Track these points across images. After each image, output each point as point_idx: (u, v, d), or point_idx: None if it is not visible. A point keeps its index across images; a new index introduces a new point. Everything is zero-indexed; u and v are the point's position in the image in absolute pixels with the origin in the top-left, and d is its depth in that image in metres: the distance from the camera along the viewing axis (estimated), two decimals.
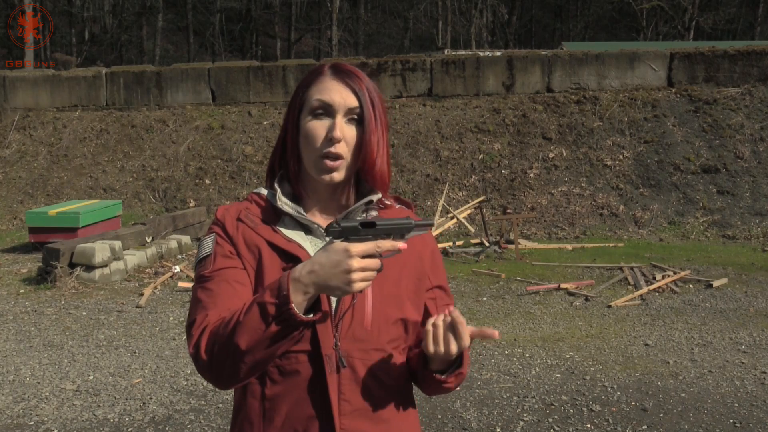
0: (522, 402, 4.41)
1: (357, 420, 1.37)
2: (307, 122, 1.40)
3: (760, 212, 10.14)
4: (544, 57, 12.55)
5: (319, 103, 1.39)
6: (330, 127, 1.38)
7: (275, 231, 1.40)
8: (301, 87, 1.44)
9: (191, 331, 1.34)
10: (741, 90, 11.89)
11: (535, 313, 6.44)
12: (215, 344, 1.29)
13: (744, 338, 5.63)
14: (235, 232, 1.41)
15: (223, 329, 1.28)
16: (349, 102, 1.39)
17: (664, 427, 4.02)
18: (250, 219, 1.42)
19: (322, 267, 1.23)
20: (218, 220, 1.44)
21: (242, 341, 1.25)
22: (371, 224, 1.27)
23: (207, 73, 13.17)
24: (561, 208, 10.60)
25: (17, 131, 13.13)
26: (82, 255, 7.62)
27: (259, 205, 1.45)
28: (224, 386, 1.35)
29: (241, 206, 1.45)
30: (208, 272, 1.38)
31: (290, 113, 1.45)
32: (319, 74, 1.43)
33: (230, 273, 1.37)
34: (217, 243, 1.41)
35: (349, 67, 1.44)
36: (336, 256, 1.22)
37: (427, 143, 11.77)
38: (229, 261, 1.39)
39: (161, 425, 4.16)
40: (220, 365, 1.29)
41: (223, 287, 1.36)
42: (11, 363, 5.25)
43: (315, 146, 1.38)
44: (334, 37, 30.67)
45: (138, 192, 11.87)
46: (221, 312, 1.32)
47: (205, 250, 1.41)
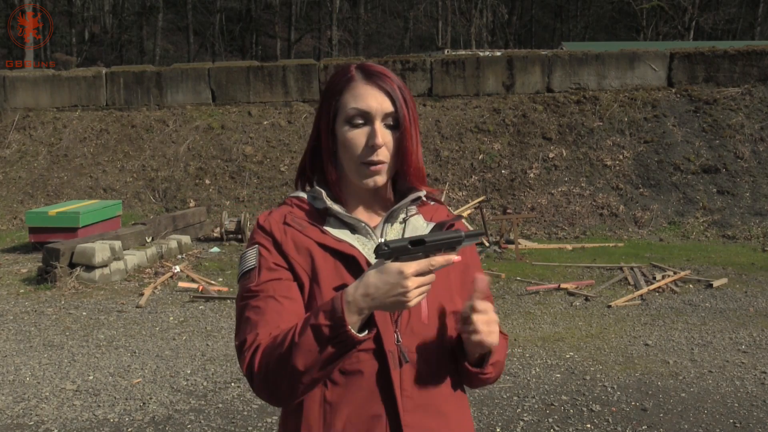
0: (522, 402, 4.41)
1: (419, 415, 1.37)
2: (346, 131, 1.40)
3: (760, 212, 10.14)
4: (544, 57, 12.55)
5: (356, 112, 1.39)
6: (370, 134, 1.39)
7: (323, 232, 1.40)
8: (331, 93, 1.43)
9: (243, 351, 1.32)
10: (741, 90, 11.89)
11: (535, 313, 6.44)
12: (269, 364, 1.28)
13: (744, 338, 5.63)
14: (283, 236, 1.39)
15: (278, 349, 1.28)
16: (385, 107, 1.40)
17: (664, 427, 4.02)
18: (297, 222, 1.41)
19: (377, 290, 1.24)
20: (262, 227, 1.42)
21: (299, 362, 1.25)
22: (421, 242, 1.25)
23: (207, 73, 13.17)
24: (561, 208, 10.60)
25: (17, 131, 13.13)
26: (82, 255, 7.62)
27: (302, 208, 1.44)
28: (283, 404, 1.34)
29: (283, 210, 1.44)
30: (254, 286, 1.36)
31: (323, 120, 1.44)
32: (349, 79, 1.42)
33: (277, 287, 1.36)
34: (261, 255, 1.38)
35: (378, 68, 1.43)
36: (391, 279, 1.23)
37: (427, 143, 11.77)
38: (275, 273, 1.37)
39: (161, 425, 4.16)
40: (276, 385, 1.29)
41: (271, 304, 1.34)
42: (11, 363, 5.25)
43: (356, 154, 1.39)
44: (334, 37, 30.68)
45: (138, 192, 11.87)
46: (271, 330, 1.31)
47: (249, 263, 1.39)
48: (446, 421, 1.41)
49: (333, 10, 30.89)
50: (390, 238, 1.44)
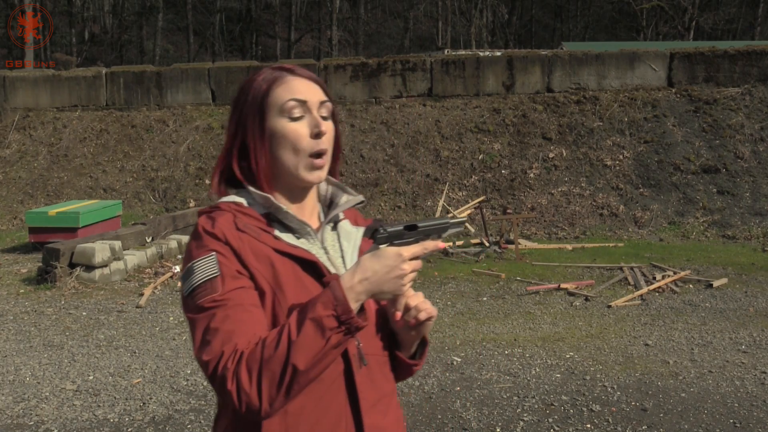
0: (522, 402, 4.41)
1: (374, 415, 1.38)
2: (284, 124, 1.36)
3: (760, 212, 10.14)
4: (544, 57, 12.55)
5: (295, 102, 1.36)
6: (312, 123, 1.37)
7: (276, 238, 1.36)
8: (254, 95, 1.38)
9: (221, 364, 1.23)
10: (741, 90, 11.89)
11: (535, 313, 6.44)
12: (262, 371, 1.21)
13: (744, 338, 5.63)
14: (240, 243, 1.31)
15: (270, 353, 1.21)
16: (319, 96, 1.40)
17: (664, 427, 4.02)
18: (249, 228, 1.34)
19: (375, 273, 1.26)
20: (213, 234, 1.31)
21: (300, 361, 1.21)
22: (413, 227, 1.31)
23: (207, 73, 13.17)
24: (561, 208, 10.60)
25: (17, 131, 13.13)
26: (82, 255, 7.62)
27: (245, 213, 1.36)
28: (271, 413, 1.25)
29: (228, 217, 1.34)
30: (219, 296, 1.27)
31: (248, 121, 1.38)
32: (276, 77, 1.39)
33: (243, 295, 1.28)
34: (221, 263, 1.29)
35: (301, 67, 1.43)
36: (390, 262, 1.26)
37: (427, 143, 11.77)
38: (239, 281, 1.29)
39: (161, 425, 4.16)
40: (271, 392, 1.22)
41: (241, 313, 1.27)
42: (11, 363, 5.25)
43: (301, 147, 1.36)
44: (334, 37, 30.68)
45: (138, 192, 11.88)
46: (249, 339, 1.25)
47: (210, 272, 1.28)
48: (390, 419, 1.43)
49: (333, 10, 30.90)
50: (328, 242, 1.44)
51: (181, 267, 1.36)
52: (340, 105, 12.53)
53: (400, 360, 1.47)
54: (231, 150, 1.41)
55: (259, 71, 1.43)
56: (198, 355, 1.26)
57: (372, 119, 12.26)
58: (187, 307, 1.31)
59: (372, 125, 12.16)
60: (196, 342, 1.27)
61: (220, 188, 1.43)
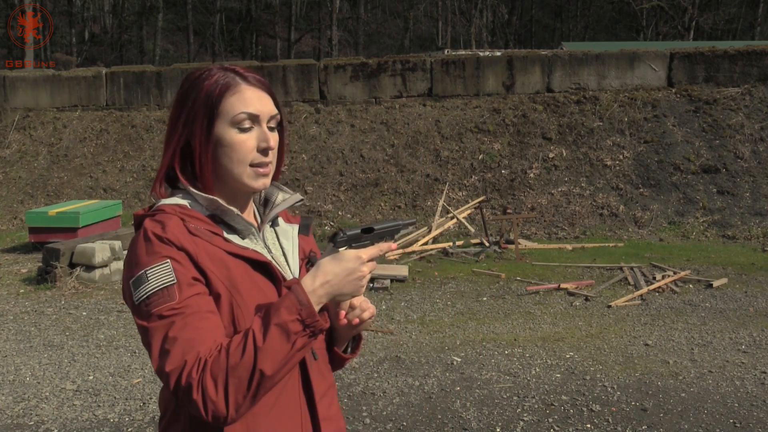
0: (522, 402, 4.41)
1: (323, 406, 1.44)
2: (233, 134, 1.35)
3: (760, 212, 10.14)
4: (544, 57, 12.55)
5: (246, 116, 1.36)
6: (260, 137, 1.38)
7: (226, 240, 1.36)
8: (206, 95, 1.36)
9: (184, 374, 1.21)
10: (741, 90, 11.89)
11: (535, 313, 6.44)
12: (228, 379, 1.21)
13: (744, 338, 5.63)
14: (195, 248, 1.29)
15: (235, 360, 1.21)
16: (269, 109, 1.41)
17: (664, 427, 4.02)
18: (201, 232, 1.32)
19: (336, 276, 1.30)
20: (165, 239, 1.28)
21: (267, 367, 1.22)
22: (370, 229, 1.36)
23: None
24: (561, 208, 10.60)
25: (17, 131, 13.13)
26: (82, 255, 7.62)
27: (191, 216, 1.35)
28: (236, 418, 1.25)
29: (175, 221, 1.32)
30: (176, 304, 1.24)
31: (196, 123, 1.36)
32: (229, 83, 1.37)
33: (200, 302, 1.27)
34: (176, 270, 1.26)
35: (251, 71, 1.43)
36: (350, 265, 1.30)
37: (427, 143, 11.77)
38: (195, 288, 1.27)
39: None
40: (238, 398, 1.22)
41: (198, 320, 1.25)
42: (11, 363, 5.25)
43: (245, 157, 1.36)
44: (334, 37, 30.69)
45: (138, 192, 11.88)
46: (209, 346, 1.23)
47: (166, 280, 1.25)
48: (335, 408, 1.50)
49: (333, 10, 30.90)
50: (269, 241, 1.46)
51: (126, 272, 1.32)
52: (340, 105, 12.54)
53: (336, 354, 1.54)
54: (175, 149, 1.39)
55: (209, 70, 1.41)
56: (159, 365, 1.24)
57: (372, 119, 12.26)
58: (140, 315, 1.27)
59: (372, 125, 12.17)
60: (154, 352, 1.25)
61: (161, 189, 1.42)
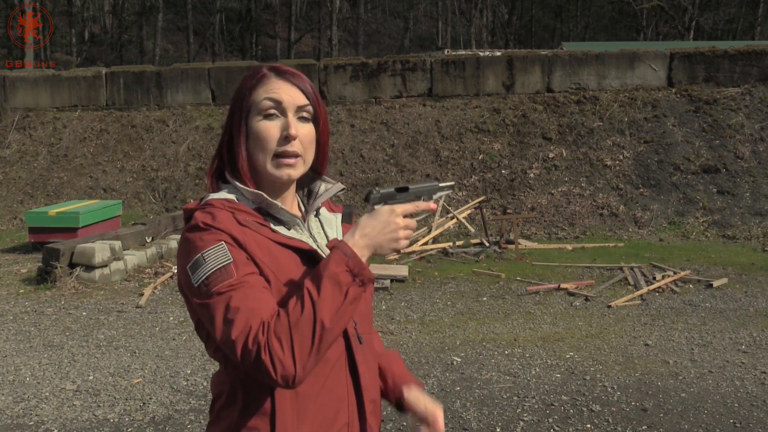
0: (522, 402, 4.41)
1: (371, 392, 1.49)
2: (258, 122, 1.41)
3: (760, 212, 10.13)
4: (544, 57, 12.55)
5: (270, 103, 1.40)
6: (284, 125, 1.41)
7: (274, 231, 1.41)
8: (244, 91, 1.43)
9: (254, 337, 1.25)
10: (741, 90, 11.89)
11: (535, 313, 6.44)
12: (293, 336, 1.25)
13: (744, 338, 5.62)
14: (245, 237, 1.35)
15: (297, 317, 1.26)
16: (298, 100, 1.42)
17: (664, 427, 4.02)
18: (249, 223, 1.37)
19: (373, 229, 1.35)
20: (218, 228, 1.34)
21: (326, 317, 1.27)
22: (405, 189, 1.42)
23: (207, 73, 13.16)
24: (561, 208, 10.60)
25: (17, 131, 13.13)
26: (82, 255, 7.62)
27: (239, 209, 1.39)
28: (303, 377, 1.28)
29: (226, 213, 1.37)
30: (235, 281, 1.30)
31: (234, 117, 1.43)
32: (262, 77, 1.43)
33: (256, 279, 1.32)
34: (231, 251, 1.33)
35: (290, 68, 1.47)
36: (384, 217, 1.36)
37: (427, 143, 11.77)
38: (250, 267, 1.33)
39: (161, 425, 4.16)
40: (303, 355, 1.26)
41: (257, 292, 1.31)
42: (11, 363, 5.25)
43: (270, 146, 1.40)
44: (334, 37, 30.69)
45: (138, 192, 11.87)
46: (270, 312, 1.29)
47: (223, 259, 1.31)
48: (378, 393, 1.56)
49: (333, 10, 30.90)
50: (314, 230, 1.52)
51: (182, 260, 1.36)
52: (340, 105, 12.53)
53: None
54: (222, 145, 1.46)
55: (253, 71, 1.47)
56: (223, 335, 1.28)
57: (372, 119, 12.26)
58: (200, 295, 1.32)
59: (372, 125, 12.16)
60: (217, 324, 1.29)
61: (213, 183, 1.48)
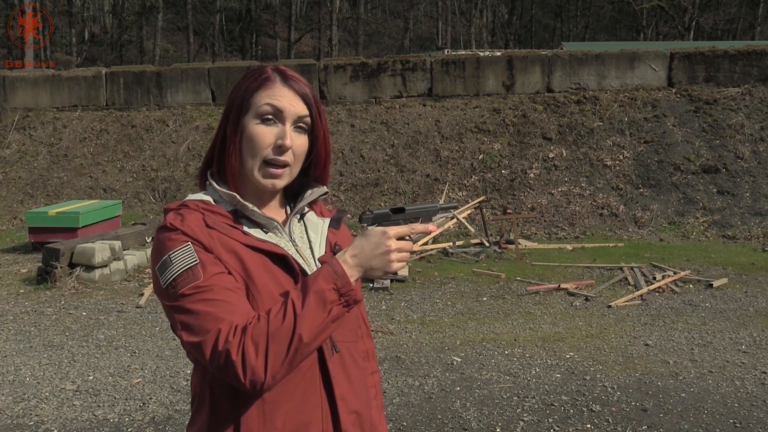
0: (522, 402, 4.41)
1: (351, 404, 1.43)
2: (255, 125, 1.38)
3: (760, 212, 10.13)
4: (544, 57, 12.55)
5: (271, 108, 1.38)
6: (280, 134, 1.39)
7: (245, 233, 1.39)
8: (244, 89, 1.41)
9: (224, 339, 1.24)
10: (741, 90, 11.89)
11: (535, 313, 6.43)
12: (269, 344, 1.24)
13: (744, 338, 5.62)
14: (210, 240, 1.33)
15: (277, 326, 1.25)
16: (299, 110, 1.40)
17: (664, 427, 4.02)
18: (218, 225, 1.36)
19: (363, 250, 1.33)
20: (181, 231, 1.33)
21: (305, 332, 1.26)
22: (401, 210, 1.40)
23: (207, 73, 13.16)
24: (561, 208, 10.60)
25: (17, 131, 13.13)
26: (82, 255, 7.62)
27: (212, 211, 1.39)
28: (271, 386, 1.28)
29: (196, 215, 1.37)
30: (203, 282, 1.29)
31: (230, 114, 1.41)
32: (266, 79, 1.41)
33: (225, 279, 1.31)
34: (197, 251, 1.31)
35: (295, 74, 1.44)
36: (375, 239, 1.33)
37: (427, 143, 11.77)
38: (219, 267, 1.32)
39: (161, 425, 4.16)
40: (275, 364, 1.25)
41: (229, 295, 1.29)
42: (11, 363, 5.25)
43: (262, 152, 1.38)
44: (334, 37, 30.69)
45: (138, 192, 11.87)
46: (243, 315, 1.27)
47: (189, 260, 1.30)
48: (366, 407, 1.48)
49: (333, 10, 30.91)
50: (296, 234, 1.48)
51: (153, 261, 1.36)
52: (340, 105, 12.53)
53: None
54: (215, 143, 1.45)
55: (259, 68, 1.45)
56: (191, 338, 1.27)
57: (372, 119, 12.26)
58: (168, 297, 1.31)
59: (372, 125, 12.16)
60: (185, 326, 1.28)
61: (200, 183, 1.48)
